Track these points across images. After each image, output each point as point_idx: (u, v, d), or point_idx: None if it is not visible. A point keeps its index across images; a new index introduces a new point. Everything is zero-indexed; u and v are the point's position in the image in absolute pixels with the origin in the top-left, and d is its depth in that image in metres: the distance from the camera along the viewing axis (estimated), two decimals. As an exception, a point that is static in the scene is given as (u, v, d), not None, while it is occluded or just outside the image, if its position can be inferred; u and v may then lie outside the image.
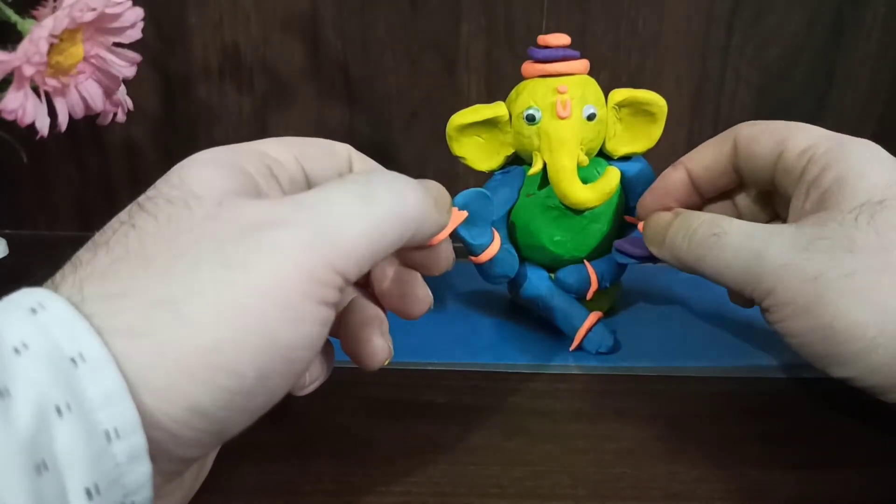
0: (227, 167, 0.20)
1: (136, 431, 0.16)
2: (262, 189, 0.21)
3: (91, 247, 0.19)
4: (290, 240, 0.18)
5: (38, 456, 0.15)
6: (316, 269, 0.18)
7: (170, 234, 0.18)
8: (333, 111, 0.49)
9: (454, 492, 0.25)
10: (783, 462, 0.26)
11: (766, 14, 0.47)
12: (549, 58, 0.34)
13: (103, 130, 0.48)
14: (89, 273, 0.18)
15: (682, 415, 0.30)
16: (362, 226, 0.20)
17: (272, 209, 0.19)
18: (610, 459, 0.27)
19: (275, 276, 0.18)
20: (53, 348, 0.16)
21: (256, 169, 0.21)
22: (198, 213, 0.19)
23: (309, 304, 0.18)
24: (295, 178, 0.23)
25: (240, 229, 0.18)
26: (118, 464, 0.16)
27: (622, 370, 0.33)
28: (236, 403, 0.18)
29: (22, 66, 0.29)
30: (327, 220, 0.19)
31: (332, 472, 0.26)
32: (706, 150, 0.31)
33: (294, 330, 0.18)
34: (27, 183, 0.51)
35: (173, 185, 0.20)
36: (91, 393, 0.16)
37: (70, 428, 0.16)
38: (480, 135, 0.35)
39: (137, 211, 0.19)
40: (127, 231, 0.19)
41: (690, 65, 0.48)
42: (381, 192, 0.21)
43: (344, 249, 0.19)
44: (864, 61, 0.48)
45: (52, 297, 0.17)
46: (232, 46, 0.48)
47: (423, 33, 0.47)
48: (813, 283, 0.24)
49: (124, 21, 0.32)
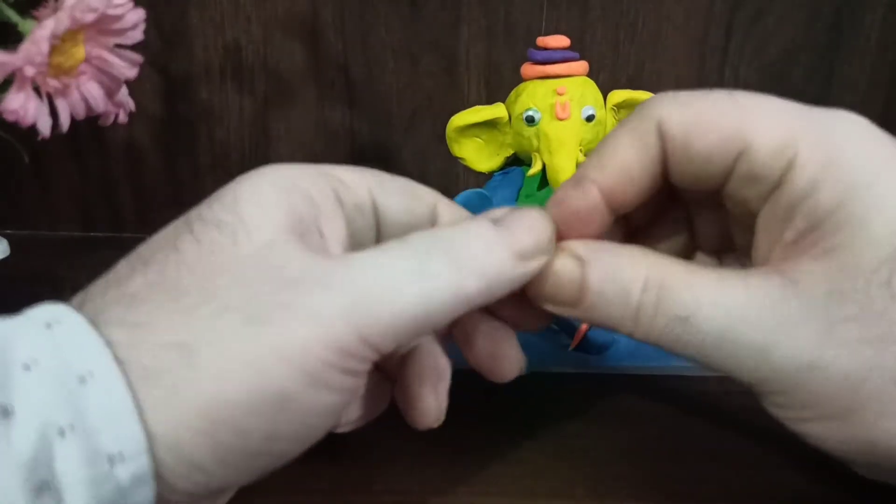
0: (287, 193, 0.19)
1: (142, 454, 0.16)
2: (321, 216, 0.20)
3: (132, 260, 0.18)
4: (326, 304, 0.17)
5: (39, 477, 0.15)
6: (347, 340, 0.17)
7: (209, 270, 0.17)
8: (334, 112, 0.49)
9: (454, 491, 0.25)
10: (783, 462, 0.26)
11: (765, 14, 0.47)
12: (549, 59, 0.34)
13: (105, 131, 0.48)
14: (119, 296, 0.17)
15: (682, 415, 0.30)
16: (408, 299, 0.18)
17: (317, 268, 0.18)
18: (609, 459, 0.27)
19: (298, 339, 0.17)
20: (62, 365, 0.16)
21: (320, 191, 0.20)
22: (243, 251, 0.18)
23: (331, 372, 0.17)
24: (362, 207, 0.21)
25: (278, 283, 0.17)
26: (120, 487, 0.16)
27: (622, 370, 0.33)
28: (237, 462, 0.17)
29: (23, 67, 0.29)
30: (370, 290, 0.18)
31: (332, 472, 0.26)
32: (619, 153, 0.21)
33: (311, 397, 0.17)
34: (28, 183, 0.51)
35: (226, 207, 0.18)
36: (96, 413, 0.16)
37: (72, 450, 0.15)
38: (480, 136, 0.35)
39: (184, 231, 0.18)
40: (168, 253, 0.18)
41: (690, 65, 0.48)
42: (437, 265, 0.18)
43: (382, 324, 0.17)
44: (864, 61, 0.48)
45: (69, 312, 0.17)
46: (233, 47, 0.48)
47: (424, 34, 0.47)
48: (851, 392, 0.18)
49: (126, 22, 0.32)
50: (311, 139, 0.50)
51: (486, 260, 0.19)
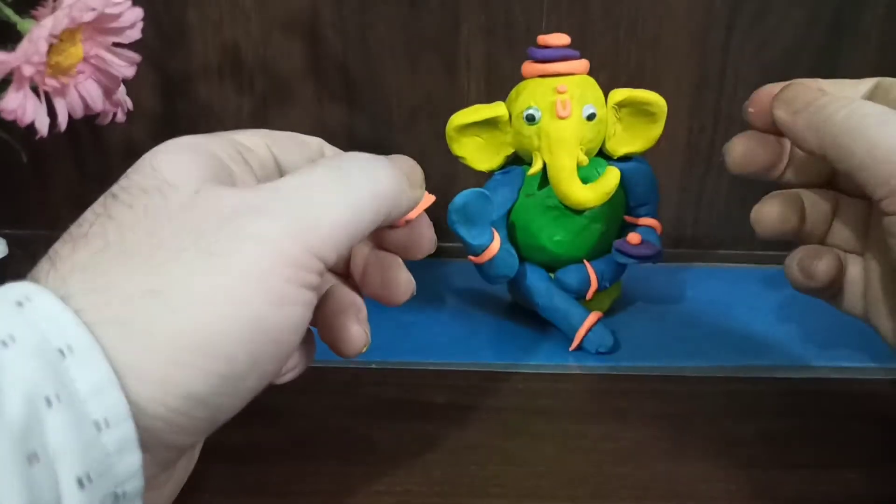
0: (198, 153, 0.20)
1: (125, 421, 0.16)
2: (234, 174, 0.21)
3: (68, 240, 0.19)
4: (271, 227, 0.18)
5: (30, 447, 0.15)
6: (297, 255, 0.19)
7: (149, 225, 0.18)
8: (333, 111, 0.49)
9: (454, 492, 0.25)
10: (783, 462, 0.26)
11: (766, 14, 0.47)
12: (549, 58, 0.34)
13: (103, 130, 0.48)
14: (70, 267, 0.18)
15: (682, 415, 0.30)
16: (339, 209, 0.20)
17: (250, 196, 0.19)
18: (610, 459, 0.26)
19: (259, 263, 0.18)
20: (41, 340, 0.16)
21: (228, 154, 0.21)
22: (174, 203, 0.19)
23: (292, 288, 0.19)
24: (266, 164, 0.23)
25: (219, 217, 0.18)
26: (108, 453, 0.16)
27: (622, 370, 0.33)
28: (229, 388, 0.18)
29: (21, 66, 0.29)
30: (305, 205, 0.19)
31: (332, 472, 0.26)
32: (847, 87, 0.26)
33: (281, 314, 0.18)
34: (27, 183, 0.50)
35: (146, 175, 0.20)
36: (79, 384, 0.16)
37: (60, 418, 0.16)
38: (480, 135, 0.35)
39: (112, 202, 0.19)
40: (104, 223, 0.19)
41: (690, 65, 0.48)
42: (354, 174, 0.21)
43: (323, 233, 0.19)
44: (864, 61, 0.48)
45: (38, 289, 0.17)
46: (232, 46, 0.48)
47: (423, 33, 0.47)
48: None
49: (124, 21, 0.32)
50: (311, 138, 0.50)
51: (389, 175, 0.22)
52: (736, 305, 0.39)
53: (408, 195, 0.23)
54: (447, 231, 0.32)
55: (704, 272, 0.44)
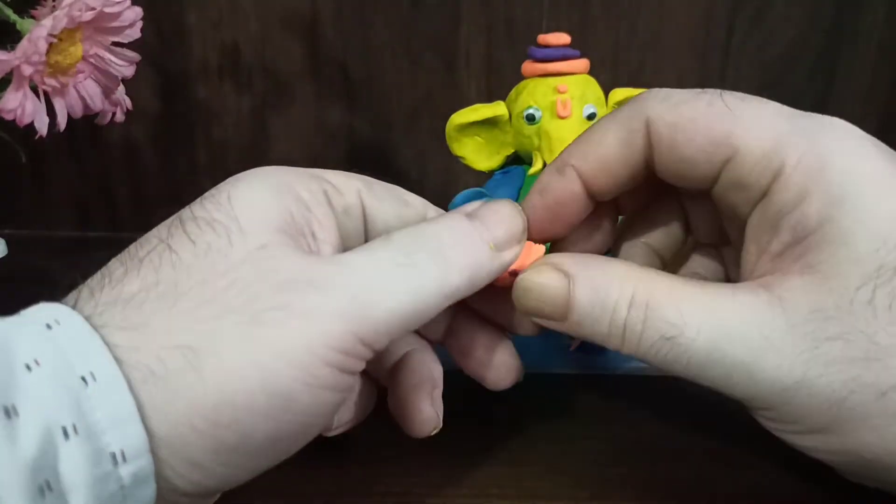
0: (280, 194, 0.19)
1: (144, 454, 0.16)
2: (312, 219, 0.20)
3: (125, 260, 0.18)
4: (322, 306, 0.18)
5: (42, 477, 0.15)
6: (343, 339, 0.18)
7: (204, 271, 0.17)
8: (333, 111, 0.49)
9: (454, 492, 0.25)
10: (783, 462, 0.26)
11: (766, 14, 0.47)
12: (550, 57, 0.34)
13: (102, 130, 0.48)
14: (115, 297, 0.17)
15: (681, 415, 0.29)
16: (398, 297, 0.19)
17: (312, 269, 0.18)
18: (610, 459, 0.26)
19: (299, 341, 0.17)
20: (64, 366, 0.16)
21: (312, 194, 0.20)
22: (238, 253, 0.18)
23: (330, 372, 0.18)
24: (351, 212, 0.22)
25: (275, 284, 0.18)
26: (123, 486, 0.16)
27: (622, 370, 0.33)
28: (239, 463, 0.18)
29: (21, 66, 0.29)
30: (363, 289, 0.18)
31: (332, 472, 0.26)
32: (604, 145, 0.22)
33: (311, 396, 0.18)
34: (26, 183, 0.50)
35: (220, 207, 0.19)
36: (99, 414, 0.16)
37: (76, 451, 0.15)
38: (480, 134, 0.35)
39: (178, 230, 0.19)
40: (161, 254, 0.18)
41: (690, 64, 0.48)
42: (422, 261, 0.19)
43: (377, 321, 0.18)
44: (864, 61, 0.48)
45: (68, 313, 0.17)
46: (231, 45, 0.48)
47: (423, 32, 0.47)
48: (835, 408, 0.18)
49: (123, 20, 0.32)
50: (310, 138, 0.50)
51: (465, 251, 0.20)
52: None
53: (488, 268, 0.20)
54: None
55: (704, 272, 0.44)
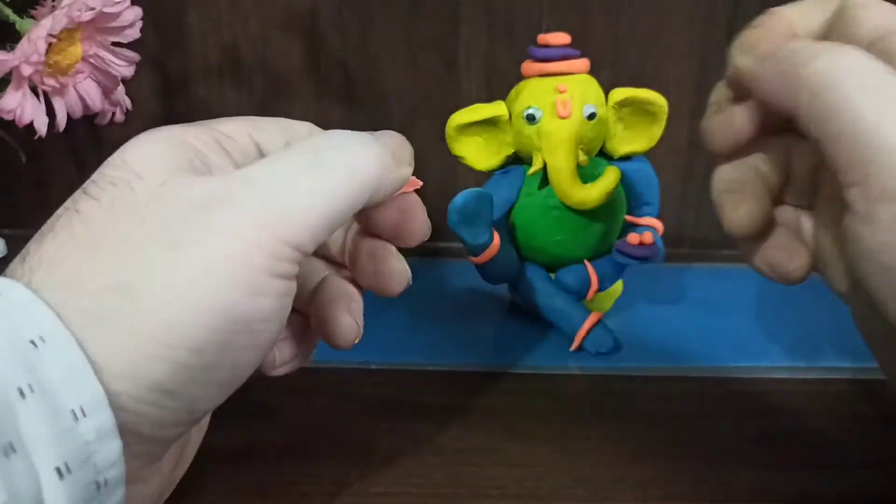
0: (170, 143, 0.20)
1: (103, 408, 0.16)
2: (210, 163, 0.20)
3: (37, 237, 0.19)
4: (236, 216, 0.18)
5: (4, 438, 0.15)
6: (267, 244, 0.18)
7: (114, 218, 0.18)
8: (333, 110, 0.49)
9: (454, 492, 0.25)
10: (783, 462, 0.26)
11: (766, 13, 0.47)
12: (550, 57, 0.34)
13: (102, 130, 0.48)
14: (37, 262, 0.18)
15: (682, 415, 0.29)
16: (311, 194, 0.19)
17: (217, 185, 0.19)
18: (610, 460, 0.26)
19: (223, 253, 0.18)
20: (13, 332, 0.16)
21: (204, 143, 0.21)
22: (141, 195, 0.18)
23: (264, 277, 0.18)
24: (247, 153, 0.22)
25: (184, 208, 0.18)
26: (87, 442, 0.16)
27: (622, 370, 0.33)
28: (200, 378, 0.18)
29: (20, 66, 0.29)
30: (273, 192, 0.19)
31: (332, 472, 0.26)
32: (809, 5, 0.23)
33: (251, 303, 0.18)
34: (26, 183, 0.50)
35: (116, 167, 0.19)
36: (53, 373, 0.16)
37: (34, 409, 0.16)
38: (480, 134, 0.35)
39: (81, 196, 0.19)
40: (71, 216, 0.19)
41: (691, 64, 0.48)
42: (329, 156, 0.20)
43: (294, 221, 0.19)
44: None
45: (9, 283, 0.17)
46: (231, 45, 0.48)
47: (423, 32, 0.47)
48: None
49: (123, 20, 0.32)
50: (310, 138, 0.50)
51: (370, 151, 0.21)
52: (736, 305, 0.39)
53: (393, 174, 0.22)
54: (447, 231, 0.31)
55: (704, 272, 0.44)
